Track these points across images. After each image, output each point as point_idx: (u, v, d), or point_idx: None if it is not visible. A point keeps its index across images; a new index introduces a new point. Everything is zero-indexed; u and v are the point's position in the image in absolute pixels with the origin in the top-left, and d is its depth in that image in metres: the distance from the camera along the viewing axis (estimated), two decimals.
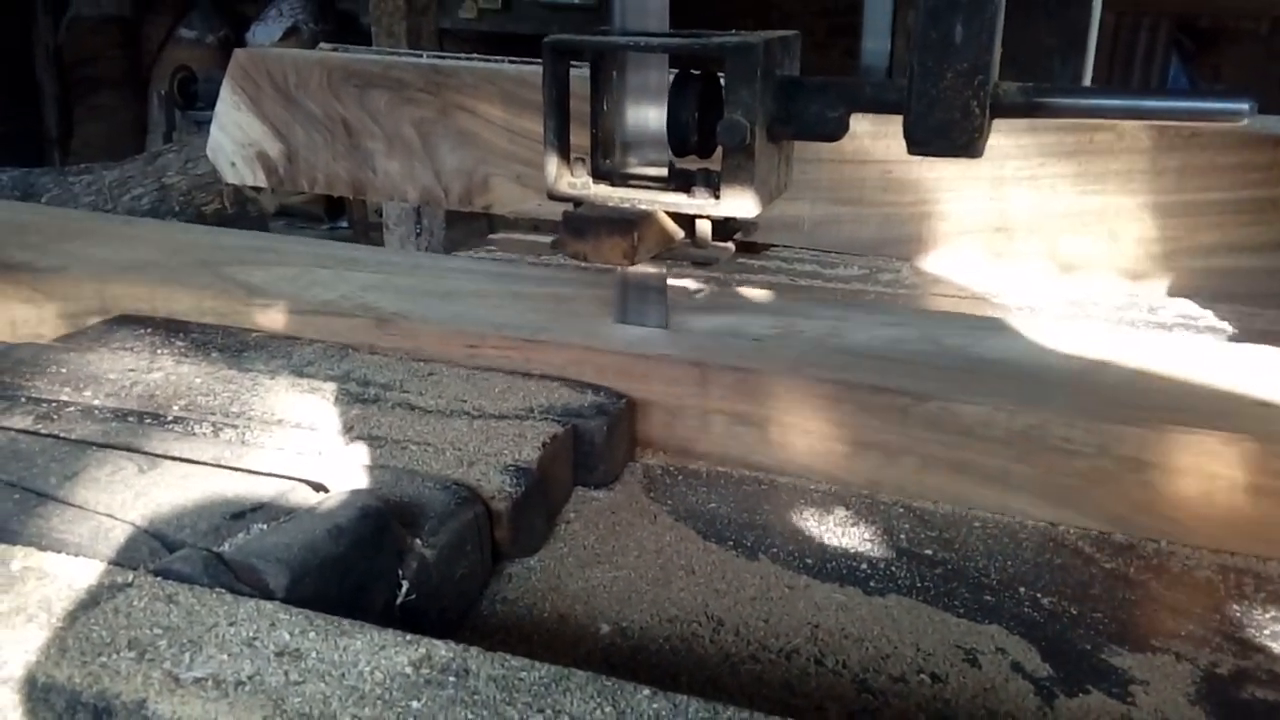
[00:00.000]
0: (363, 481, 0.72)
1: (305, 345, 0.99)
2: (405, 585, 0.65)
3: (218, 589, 0.55)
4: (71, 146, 5.96)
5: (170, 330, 1.02)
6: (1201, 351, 0.96)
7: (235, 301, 1.05)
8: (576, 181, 0.89)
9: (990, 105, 0.77)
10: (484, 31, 3.89)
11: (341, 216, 4.49)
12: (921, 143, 0.79)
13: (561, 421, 0.84)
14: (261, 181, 1.80)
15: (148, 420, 0.82)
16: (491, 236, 1.66)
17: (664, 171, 0.92)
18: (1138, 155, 1.27)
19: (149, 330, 1.02)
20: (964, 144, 0.78)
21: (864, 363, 0.90)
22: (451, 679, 0.48)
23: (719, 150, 0.84)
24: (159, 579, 0.56)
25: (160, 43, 5.52)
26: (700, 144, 0.87)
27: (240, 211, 3.84)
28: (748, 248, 1.56)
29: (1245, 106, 0.75)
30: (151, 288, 1.09)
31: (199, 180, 3.71)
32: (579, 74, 0.87)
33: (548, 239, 0.94)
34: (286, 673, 0.49)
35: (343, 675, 0.48)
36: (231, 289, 1.07)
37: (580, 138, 0.90)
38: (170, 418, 0.82)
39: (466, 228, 3.39)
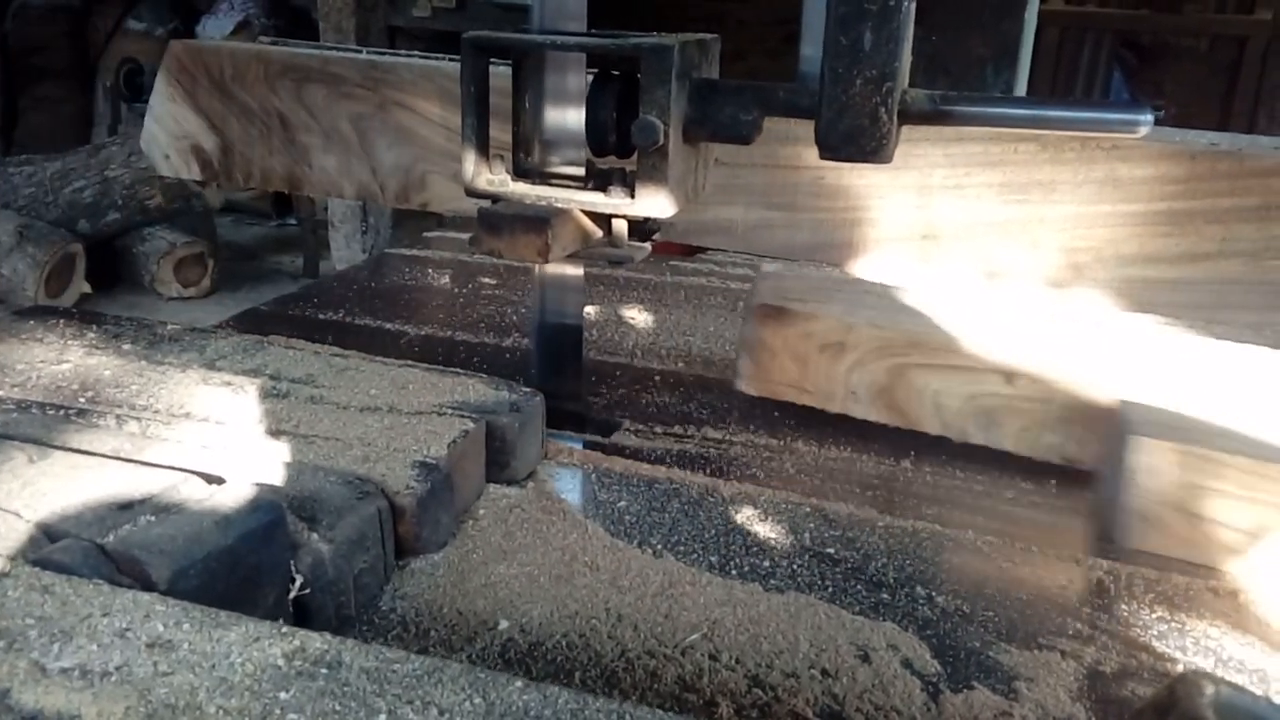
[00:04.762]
0: (262, 475, 0.72)
1: (220, 339, 0.98)
2: (299, 579, 0.64)
3: (95, 580, 0.54)
4: (15, 137, 5.83)
5: (82, 322, 1.01)
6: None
7: None
8: (495, 178, 0.89)
9: (899, 112, 0.78)
10: (438, 30, 3.87)
11: (289, 213, 4.44)
12: (832, 148, 0.80)
13: (475, 418, 0.84)
14: (196, 175, 1.77)
15: (50, 411, 0.80)
16: (426, 235, 1.65)
17: (582, 170, 0.92)
18: (1061, 166, 1.29)
19: (60, 322, 1.00)
20: (873, 150, 0.79)
21: None
22: (323, 670, 0.48)
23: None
24: (36, 569, 0.55)
25: (108, 34, 5.42)
26: (618, 144, 0.87)
27: (184, 206, 3.78)
28: (683, 250, 1.56)
29: (1145, 117, 0.77)
30: None
31: (142, 174, 3.64)
32: (504, 72, 0.88)
33: None
34: (156, 664, 0.48)
35: (213, 666, 0.48)
36: None
37: (504, 135, 0.90)
38: (74, 409, 0.81)
39: (414, 226, 3.37)
